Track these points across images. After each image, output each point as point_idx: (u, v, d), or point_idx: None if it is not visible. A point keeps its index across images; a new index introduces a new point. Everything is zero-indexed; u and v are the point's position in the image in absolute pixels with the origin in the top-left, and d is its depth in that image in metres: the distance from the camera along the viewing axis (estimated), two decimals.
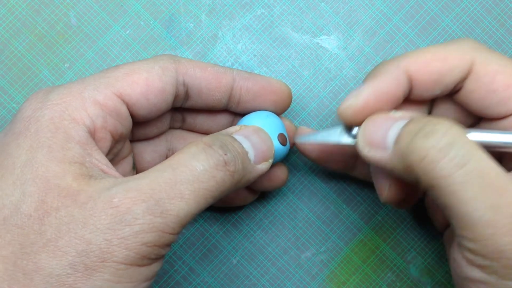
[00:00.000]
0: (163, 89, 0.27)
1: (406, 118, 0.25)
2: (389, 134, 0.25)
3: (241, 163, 0.26)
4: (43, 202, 0.23)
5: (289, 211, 0.34)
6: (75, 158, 0.24)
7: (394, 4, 0.35)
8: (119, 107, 0.27)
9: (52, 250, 0.23)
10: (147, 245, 0.23)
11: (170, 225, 0.24)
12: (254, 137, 0.28)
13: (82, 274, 0.23)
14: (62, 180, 0.24)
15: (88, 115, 0.25)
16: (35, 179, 0.24)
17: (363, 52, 0.35)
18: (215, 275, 0.34)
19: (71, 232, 0.23)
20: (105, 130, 0.26)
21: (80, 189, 0.24)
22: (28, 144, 0.24)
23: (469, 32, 0.35)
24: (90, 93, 0.26)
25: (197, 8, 0.35)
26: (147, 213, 0.23)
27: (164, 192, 0.24)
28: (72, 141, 0.25)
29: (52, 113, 0.25)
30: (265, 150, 0.28)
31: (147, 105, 0.27)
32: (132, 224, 0.23)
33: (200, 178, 0.24)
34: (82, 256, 0.23)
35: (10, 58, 0.34)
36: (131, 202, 0.23)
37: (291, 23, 0.35)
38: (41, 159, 0.24)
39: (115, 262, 0.23)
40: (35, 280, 0.23)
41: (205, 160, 0.25)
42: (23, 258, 0.23)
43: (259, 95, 0.30)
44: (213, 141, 0.26)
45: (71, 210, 0.23)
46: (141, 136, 0.31)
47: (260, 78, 0.30)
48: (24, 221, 0.23)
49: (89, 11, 0.35)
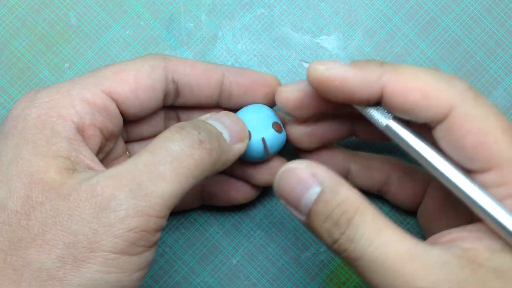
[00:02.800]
0: (152, 86, 0.28)
1: (317, 183, 0.24)
2: (302, 202, 0.25)
3: (216, 141, 0.26)
4: (29, 197, 0.23)
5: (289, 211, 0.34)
6: (60, 152, 0.25)
7: (394, 4, 0.35)
8: (108, 105, 0.27)
9: (40, 244, 0.23)
10: (134, 231, 0.23)
11: (155, 207, 0.24)
12: (225, 118, 0.28)
13: (71, 266, 0.23)
14: (46, 174, 0.24)
15: (76, 112, 0.26)
16: (20, 175, 0.24)
17: (363, 52, 0.35)
18: (215, 275, 0.34)
19: (57, 225, 0.23)
20: (94, 128, 0.26)
21: (63, 182, 0.24)
22: (15, 142, 0.25)
23: (469, 32, 0.35)
24: (79, 91, 0.26)
25: (197, 8, 0.35)
26: (130, 198, 0.23)
27: (144, 174, 0.24)
28: (58, 136, 0.25)
29: (40, 110, 0.25)
30: (238, 131, 0.28)
31: (136, 103, 0.28)
32: (117, 210, 0.23)
33: (178, 158, 0.24)
34: (70, 248, 0.23)
35: (10, 58, 0.34)
36: (114, 188, 0.23)
37: (291, 23, 0.35)
38: (26, 155, 0.24)
39: (103, 252, 0.23)
40: (25, 276, 0.23)
41: (180, 141, 0.25)
42: (13, 254, 0.23)
43: (250, 89, 0.30)
44: (186, 124, 0.26)
45: (56, 203, 0.23)
46: (136, 136, 0.31)
47: (249, 72, 0.30)
48: (12, 217, 0.23)
49: (89, 11, 0.35)
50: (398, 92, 0.24)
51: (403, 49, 0.35)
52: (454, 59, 0.35)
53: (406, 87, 0.24)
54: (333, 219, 0.24)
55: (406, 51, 0.35)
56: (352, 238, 0.24)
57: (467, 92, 0.24)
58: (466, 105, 0.24)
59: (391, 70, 0.25)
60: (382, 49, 0.35)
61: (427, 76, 0.25)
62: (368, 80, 0.25)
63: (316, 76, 0.26)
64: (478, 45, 0.35)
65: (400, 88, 0.24)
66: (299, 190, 0.25)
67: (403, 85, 0.24)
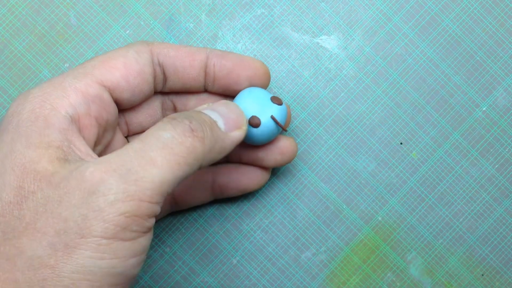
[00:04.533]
0: (141, 70, 0.28)
1: None
2: None
3: (209, 130, 0.26)
4: (21, 187, 0.23)
5: (289, 211, 0.34)
6: (52, 143, 0.25)
7: (394, 4, 0.35)
8: (101, 93, 0.27)
9: (32, 232, 0.23)
10: (125, 215, 0.23)
11: (146, 192, 0.23)
12: (221, 107, 0.28)
13: (63, 253, 0.22)
14: (38, 164, 0.24)
15: (70, 103, 0.26)
16: (14, 167, 0.24)
17: (363, 52, 0.35)
18: (215, 275, 0.34)
19: (47, 212, 0.23)
20: (89, 117, 0.26)
21: (54, 171, 0.24)
22: (9, 137, 0.25)
23: (469, 32, 0.35)
24: (71, 82, 0.26)
25: (197, 8, 0.35)
26: (120, 182, 0.23)
27: (135, 160, 0.24)
28: (52, 127, 0.25)
29: (33, 104, 0.25)
30: (235, 118, 0.28)
31: (128, 88, 0.28)
32: (106, 194, 0.23)
33: (169, 145, 0.24)
34: (60, 234, 0.23)
35: (10, 58, 0.34)
36: (102, 173, 0.23)
37: (291, 23, 0.35)
38: (19, 148, 0.24)
39: (94, 237, 0.23)
40: (18, 265, 0.23)
41: (172, 129, 0.25)
42: (6, 244, 0.23)
43: (233, 71, 0.30)
44: (178, 115, 0.26)
45: (47, 191, 0.23)
46: (136, 128, 0.31)
47: (233, 55, 0.30)
48: (5, 208, 0.23)
49: (89, 11, 0.35)
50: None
51: (403, 49, 0.35)
52: (454, 59, 0.35)
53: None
54: None
55: (406, 51, 0.35)
56: None
57: None
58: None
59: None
60: (382, 49, 0.35)
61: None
62: None
63: None
64: (478, 45, 0.35)
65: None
66: None
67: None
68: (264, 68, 0.31)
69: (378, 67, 0.35)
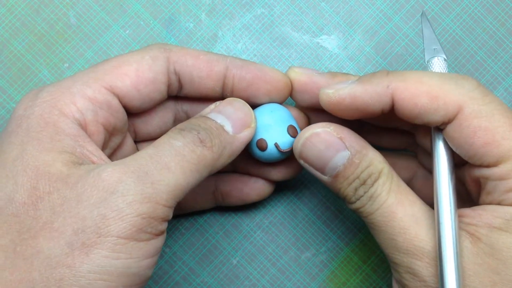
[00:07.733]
0: (154, 79, 0.28)
1: (344, 147, 0.27)
2: (329, 165, 0.27)
3: (217, 137, 0.26)
4: (35, 188, 0.24)
5: (289, 211, 0.34)
6: (65, 148, 0.25)
7: (395, 3, 0.35)
8: (109, 100, 0.27)
9: (49, 232, 0.23)
10: (142, 217, 0.23)
11: (162, 195, 0.24)
12: (228, 108, 0.28)
13: (80, 252, 0.23)
14: (52, 167, 0.24)
15: (77, 109, 0.26)
16: (26, 169, 0.24)
17: (363, 52, 0.35)
18: (215, 276, 0.34)
19: (65, 212, 0.23)
20: (97, 123, 0.26)
21: (70, 173, 0.24)
22: (19, 140, 0.25)
23: (470, 32, 0.35)
24: (79, 88, 0.26)
25: (197, 8, 0.35)
26: (138, 183, 0.23)
27: (151, 164, 0.24)
28: (62, 133, 0.25)
29: (42, 109, 0.25)
30: (243, 117, 0.28)
31: (138, 96, 0.28)
32: (125, 195, 0.23)
33: (181, 152, 0.25)
34: (78, 233, 0.23)
35: (10, 58, 0.34)
36: (121, 173, 0.23)
37: (291, 23, 0.35)
38: (31, 151, 0.24)
39: (111, 237, 0.23)
40: (35, 264, 0.23)
41: (182, 139, 0.25)
42: (22, 244, 0.23)
43: (252, 84, 0.29)
44: (185, 126, 0.26)
45: (63, 191, 0.23)
46: (145, 135, 0.31)
47: (254, 67, 0.29)
48: (19, 209, 0.23)
49: (89, 10, 0.35)
50: (406, 99, 0.25)
51: (404, 49, 0.35)
52: (455, 59, 0.35)
53: (413, 93, 0.25)
54: (361, 180, 0.26)
55: (406, 51, 0.35)
56: (371, 195, 0.26)
57: (474, 91, 0.25)
58: (474, 104, 0.25)
59: (397, 78, 0.26)
60: (383, 49, 0.35)
61: (432, 80, 0.25)
62: (377, 93, 0.26)
63: (327, 101, 0.27)
64: (478, 45, 0.35)
65: (407, 95, 0.25)
66: (326, 153, 0.27)
67: (410, 91, 0.25)
68: (285, 81, 0.30)
69: (378, 67, 0.35)
